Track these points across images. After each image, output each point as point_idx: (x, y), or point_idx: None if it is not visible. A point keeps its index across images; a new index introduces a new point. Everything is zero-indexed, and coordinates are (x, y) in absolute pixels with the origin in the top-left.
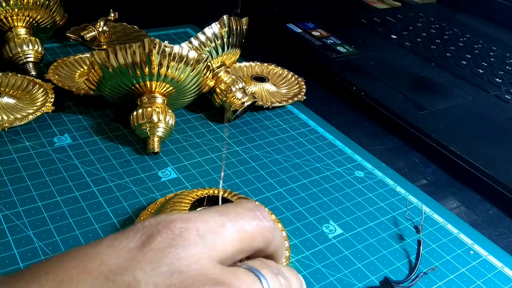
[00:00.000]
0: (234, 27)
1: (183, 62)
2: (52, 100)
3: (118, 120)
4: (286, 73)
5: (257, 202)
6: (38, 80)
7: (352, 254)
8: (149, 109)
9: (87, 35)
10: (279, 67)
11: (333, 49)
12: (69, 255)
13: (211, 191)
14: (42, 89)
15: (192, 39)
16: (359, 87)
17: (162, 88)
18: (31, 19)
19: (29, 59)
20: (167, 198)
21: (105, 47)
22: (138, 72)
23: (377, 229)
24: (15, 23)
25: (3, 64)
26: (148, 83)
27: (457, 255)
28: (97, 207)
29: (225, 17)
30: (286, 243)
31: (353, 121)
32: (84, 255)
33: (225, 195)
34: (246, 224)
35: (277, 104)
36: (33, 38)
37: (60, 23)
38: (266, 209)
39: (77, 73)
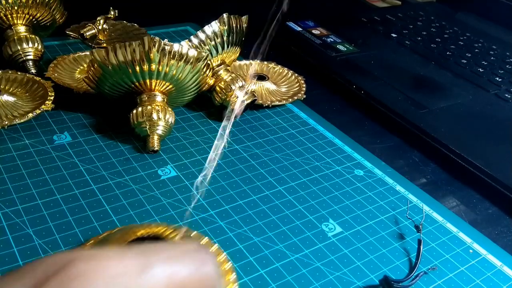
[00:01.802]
0: (234, 25)
1: (183, 60)
2: (52, 98)
3: (117, 118)
4: (286, 71)
5: (206, 240)
6: (38, 78)
7: (351, 253)
8: (149, 107)
9: (87, 33)
10: (279, 66)
11: (333, 48)
12: None
13: (159, 229)
14: (41, 87)
15: (192, 37)
16: (359, 86)
17: (162, 86)
18: (31, 17)
19: (29, 57)
20: (103, 235)
21: (105, 45)
22: (138, 70)
23: (376, 228)
24: (15, 21)
25: (2, 62)
26: (147, 81)
27: (457, 254)
28: (96, 205)
29: (225, 15)
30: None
31: (353, 119)
32: None
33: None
34: (179, 268)
35: (277, 103)
36: (33, 36)
37: (60, 21)
38: (215, 246)
39: (77, 71)
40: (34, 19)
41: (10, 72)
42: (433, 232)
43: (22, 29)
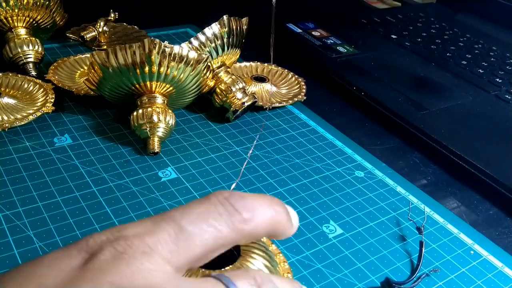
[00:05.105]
0: (234, 27)
1: (183, 62)
2: (52, 100)
3: (118, 120)
4: (286, 73)
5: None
6: (38, 81)
7: (352, 254)
8: (149, 109)
9: (87, 36)
10: (279, 67)
11: (333, 49)
12: (10, 275)
13: None
14: (42, 90)
15: (192, 39)
16: (359, 87)
17: (162, 88)
18: (31, 20)
19: (29, 60)
20: None
21: (105, 47)
22: (138, 72)
23: (377, 229)
24: (15, 24)
25: (3, 64)
26: (148, 83)
27: (457, 255)
28: (97, 207)
29: (225, 17)
30: (286, 265)
31: (353, 121)
32: (23, 277)
33: None
34: (211, 227)
35: (277, 104)
36: (33, 39)
37: (60, 23)
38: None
39: (77, 73)
40: (34, 22)
41: (10, 74)
42: (433, 233)
43: (22, 31)
